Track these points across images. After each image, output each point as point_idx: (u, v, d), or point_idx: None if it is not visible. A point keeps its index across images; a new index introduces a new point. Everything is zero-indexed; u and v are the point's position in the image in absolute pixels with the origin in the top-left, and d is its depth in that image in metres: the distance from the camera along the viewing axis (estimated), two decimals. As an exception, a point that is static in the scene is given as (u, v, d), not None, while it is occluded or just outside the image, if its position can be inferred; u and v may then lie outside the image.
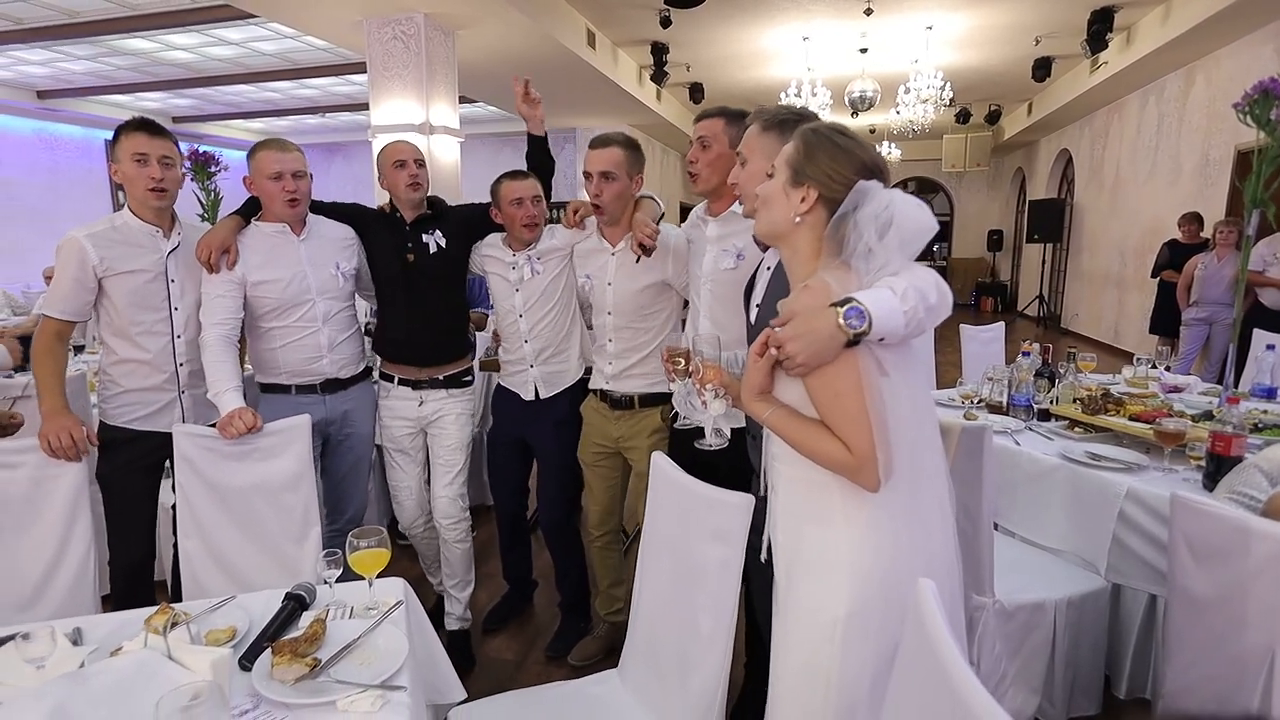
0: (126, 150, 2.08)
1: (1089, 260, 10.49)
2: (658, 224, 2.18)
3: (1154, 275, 6.69)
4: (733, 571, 1.36)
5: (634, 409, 2.29)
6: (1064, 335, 10.56)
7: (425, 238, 2.37)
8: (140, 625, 1.27)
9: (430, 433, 2.50)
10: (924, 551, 1.20)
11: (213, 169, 3.54)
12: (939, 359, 4.46)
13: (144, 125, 2.10)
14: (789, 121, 1.54)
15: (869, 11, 6.82)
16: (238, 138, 12.14)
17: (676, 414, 1.60)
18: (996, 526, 2.54)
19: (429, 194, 2.45)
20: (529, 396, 2.46)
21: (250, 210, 2.27)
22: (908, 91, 8.15)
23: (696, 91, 9.79)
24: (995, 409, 2.85)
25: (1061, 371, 2.81)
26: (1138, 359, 3.47)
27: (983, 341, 4.17)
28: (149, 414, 2.16)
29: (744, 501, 1.36)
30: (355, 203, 2.52)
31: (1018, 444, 2.48)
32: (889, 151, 12.49)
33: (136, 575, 2.18)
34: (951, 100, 10.86)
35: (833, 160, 1.21)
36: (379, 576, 1.42)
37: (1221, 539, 1.33)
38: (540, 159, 2.49)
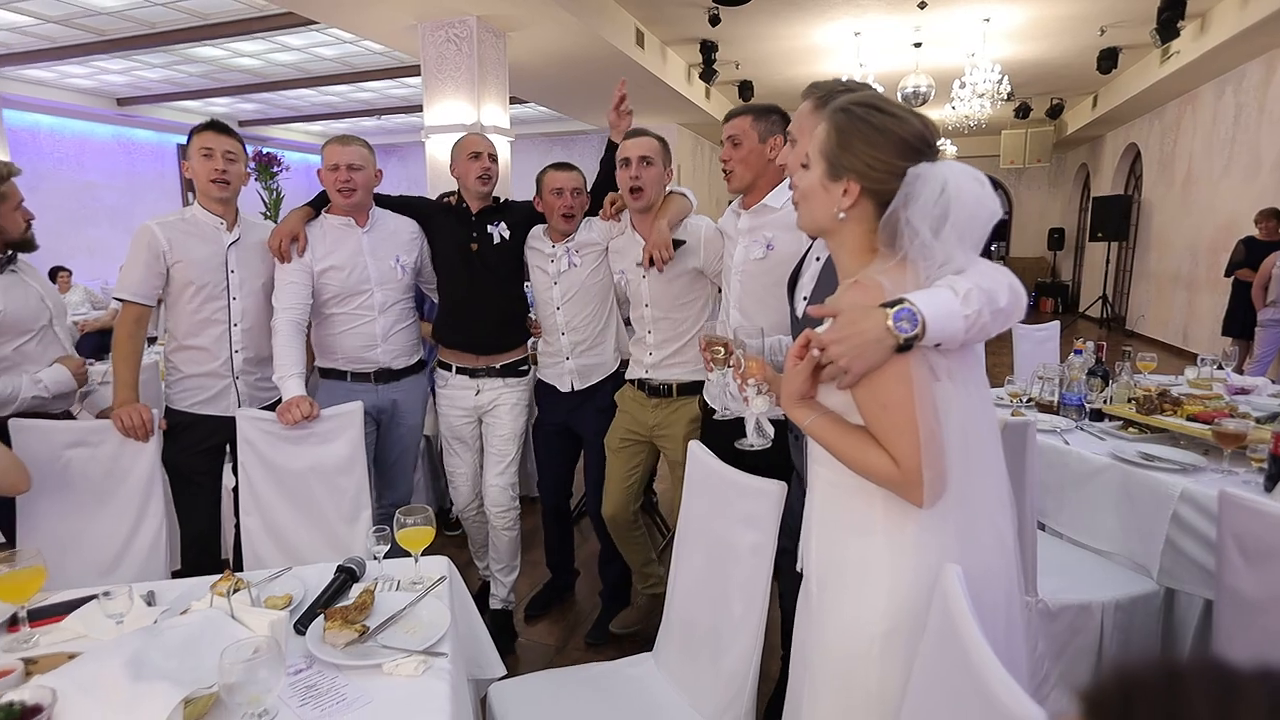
0: (196, 146, 2.22)
1: (1157, 259, 10.06)
2: (687, 217, 2.27)
3: (1228, 274, 6.38)
4: (764, 557, 1.38)
5: (671, 397, 2.32)
6: (1129, 337, 10.14)
7: (490, 228, 2.46)
8: (207, 590, 1.36)
9: (486, 421, 2.57)
10: (974, 572, 1.06)
11: (275, 169, 3.70)
12: (990, 360, 4.36)
13: (212, 125, 2.24)
14: (838, 94, 1.39)
15: (923, 5, 6.70)
16: (299, 140, 12.62)
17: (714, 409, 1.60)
18: (1044, 527, 2.49)
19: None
20: (565, 389, 2.54)
21: (321, 202, 2.39)
22: (963, 86, 7.95)
23: (746, 89, 9.74)
24: (1046, 408, 2.79)
25: (1116, 370, 2.72)
26: (1201, 359, 3.34)
27: (1036, 341, 4.06)
28: (208, 399, 2.28)
29: (776, 488, 1.38)
30: (421, 196, 2.61)
31: (1067, 443, 2.42)
32: (945, 148, 12.20)
33: (203, 551, 2.31)
34: (1010, 94, 10.57)
35: (871, 146, 1.08)
36: (424, 555, 1.49)
37: (1273, 538, 1.29)
38: (611, 167, 2.55)
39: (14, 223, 2.07)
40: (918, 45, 8.07)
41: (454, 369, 2.53)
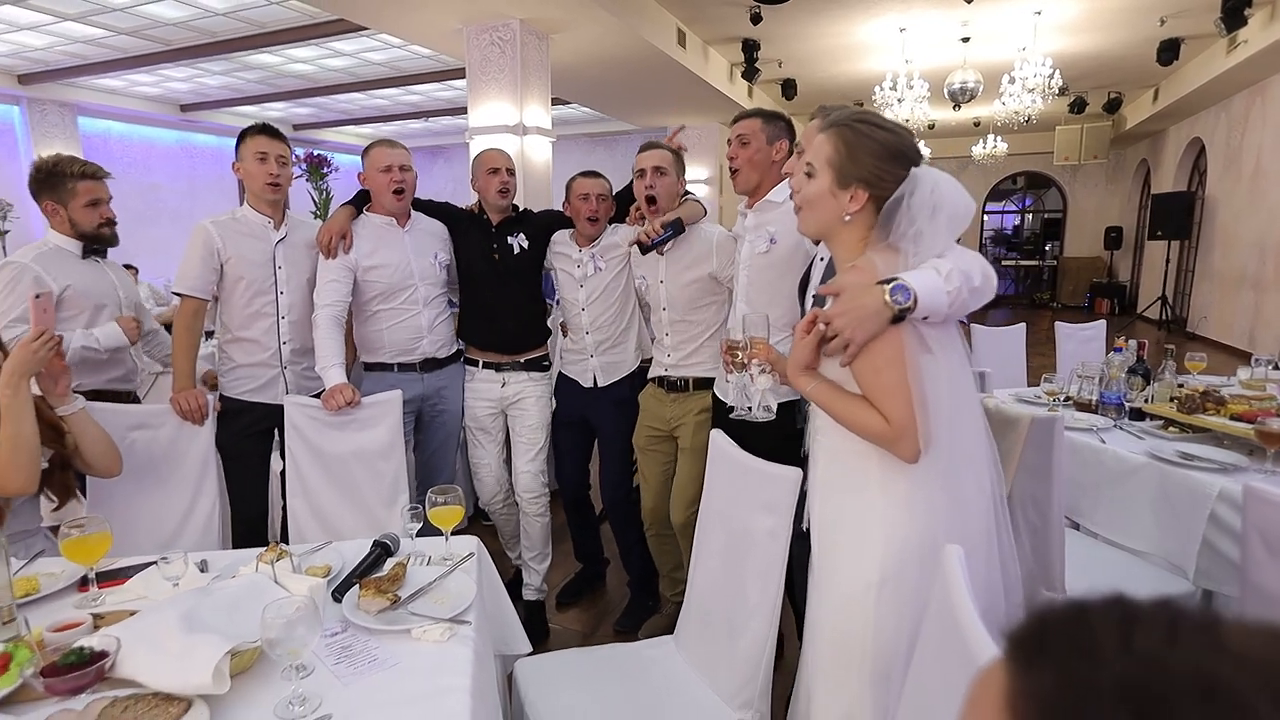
0: (250, 149, 2.34)
1: (1221, 258, 9.65)
2: (699, 222, 2.34)
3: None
4: (780, 541, 1.42)
5: (687, 391, 2.39)
6: (1189, 340, 9.75)
7: (510, 239, 2.55)
8: (254, 559, 1.46)
9: (511, 414, 2.66)
10: (958, 525, 1.21)
11: (325, 170, 3.86)
12: (1036, 360, 4.27)
13: (265, 129, 2.37)
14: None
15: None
16: (350, 142, 13.02)
17: (733, 406, 1.65)
18: (1079, 527, 2.46)
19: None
20: (588, 384, 2.62)
21: (361, 201, 2.50)
22: (1013, 81, 7.75)
23: (789, 87, 9.68)
24: (1084, 407, 2.74)
25: (1159, 369, 2.66)
26: (1256, 359, 3.23)
27: (1081, 340, 3.97)
28: (258, 387, 2.41)
29: (793, 474, 1.41)
30: (446, 202, 2.72)
31: (1103, 442, 2.38)
32: (994, 145, 11.89)
33: (253, 530, 2.43)
34: (1064, 89, 10.26)
35: (875, 158, 1.24)
36: (456, 535, 1.57)
37: None
38: None
39: (84, 217, 2.24)
40: (965, 40, 7.91)
41: (480, 364, 2.62)
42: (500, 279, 2.56)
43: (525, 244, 2.57)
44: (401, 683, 1.10)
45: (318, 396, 2.20)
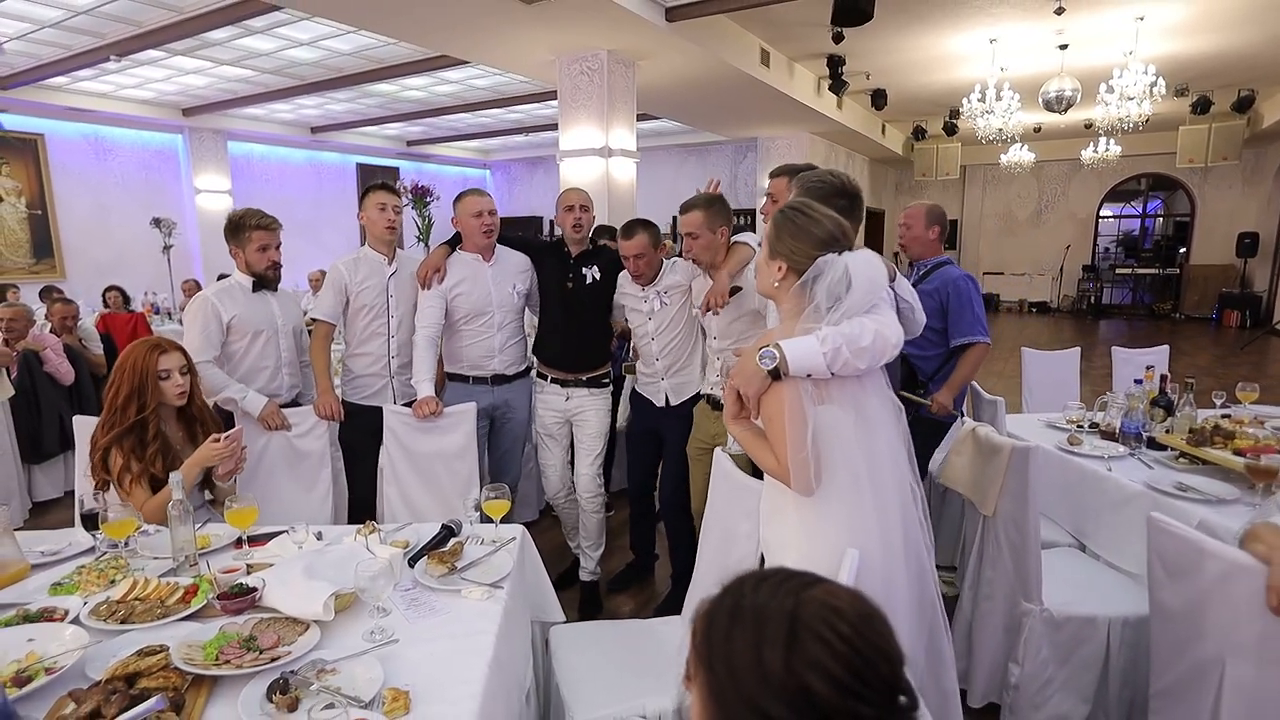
0: (373, 202, 2.88)
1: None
2: (749, 263, 2.60)
3: None
4: (752, 540, 1.75)
5: None
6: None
7: (585, 270, 2.96)
8: (354, 532, 1.95)
9: (575, 423, 3.08)
10: (859, 543, 1.48)
11: (428, 200, 4.44)
12: (1090, 386, 4.29)
13: (384, 186, 2.91)
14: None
15: (1060, 11, 6.45)
16: (458, 155, 14.05)
17: None
18: (1085, 548, 2.62)
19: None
20: (660, 403, 2.94)
21: (455, 241, 2.99)
22: (1110, 90, 7.48)
23: (879, 97, 9.67)
24: (1109, 435, 2.86)
25: (1176, 400, 2.75)
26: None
27: (1139, 366, 3.94)
28: (372, 393, 2.95)
29: (760, 486, 1.74)
30: (529, 236, 3.17)
31: (1109, 470, 2.53)
32: (1106, 149, 11.32)
33: (364, 506, 2.96)
34: (1183, 89, 9.70)
35: (794, 239, 1.53)
36: (504, 522, 1.99)
37: (1184, 557, 1.47)
38: None
39: (256, 259, 2.77)
40: (1063, 47, 7.70)
41: (549, 379, 3.04)
42: (571, 305, 2.95)
43: (598, 275, 2.96)
44: (449, 625, 1.53)
45: (410, 405, 2.70)
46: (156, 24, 6.04)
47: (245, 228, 2.73)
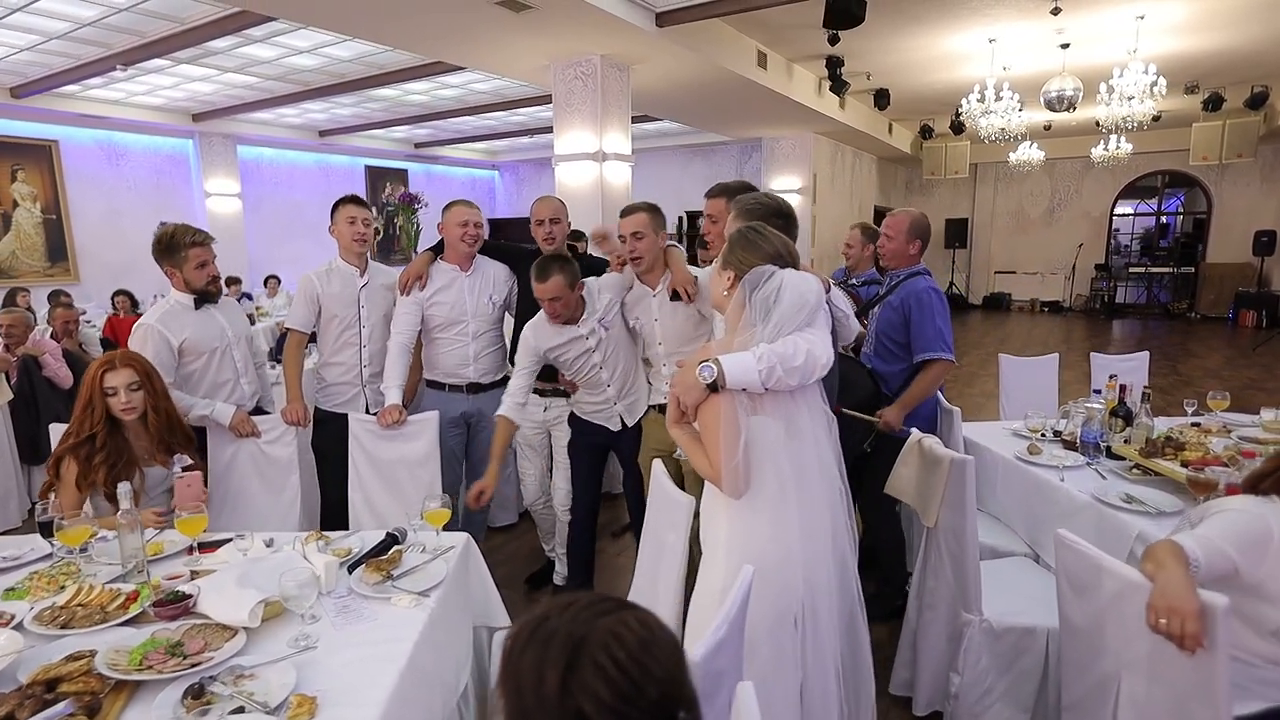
0: (343, 216, 2.95)
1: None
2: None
3: None
4: (678, 554, 1.79)
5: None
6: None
7: None
8: (301, 541, 2.02)
9: (554, 433, 3.13)
10: (784, 546, 1.59)
11: (415, 207, 4.52)
12: (1070, 393, 4.26)
13: (354, 199, 2.98)
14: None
15: (1056, 11, 6.41)
16: (465, 157, 14.20)
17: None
18: (1039, 559, 2.63)
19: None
20: (616, 428, 2.86)
21: (440, 249, 3.04)
22: (1111, 91, 7.40)
23: (882, 97, 9.61)
24: (1071, 445, 2.86)
25: (1134, 410, 2.75)
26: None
27: (1120, 372, 3.91)
28: (344, 401, 3.03)
29: (688, 500, 1.78)
30: (510, 244, 3.20)
31: (1061, 480, 2.55)
32: (1117, 147, 11.18)
33: (337, 510, 3.03)
34: (1194, 87, 9.55)
35: (745, 251, 1.67)
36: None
37: (1086, 574, 1.50)
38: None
39: (195, 276, 2.70)
40: (1065, 46, 7.63)
41: None
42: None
43: None
44: (372, 633, 1.59)
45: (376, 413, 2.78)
46: (160, 34, 6.19)
47: (181, 246, 2.67)
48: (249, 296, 9.06)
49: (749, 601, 1.54)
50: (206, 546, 2.00)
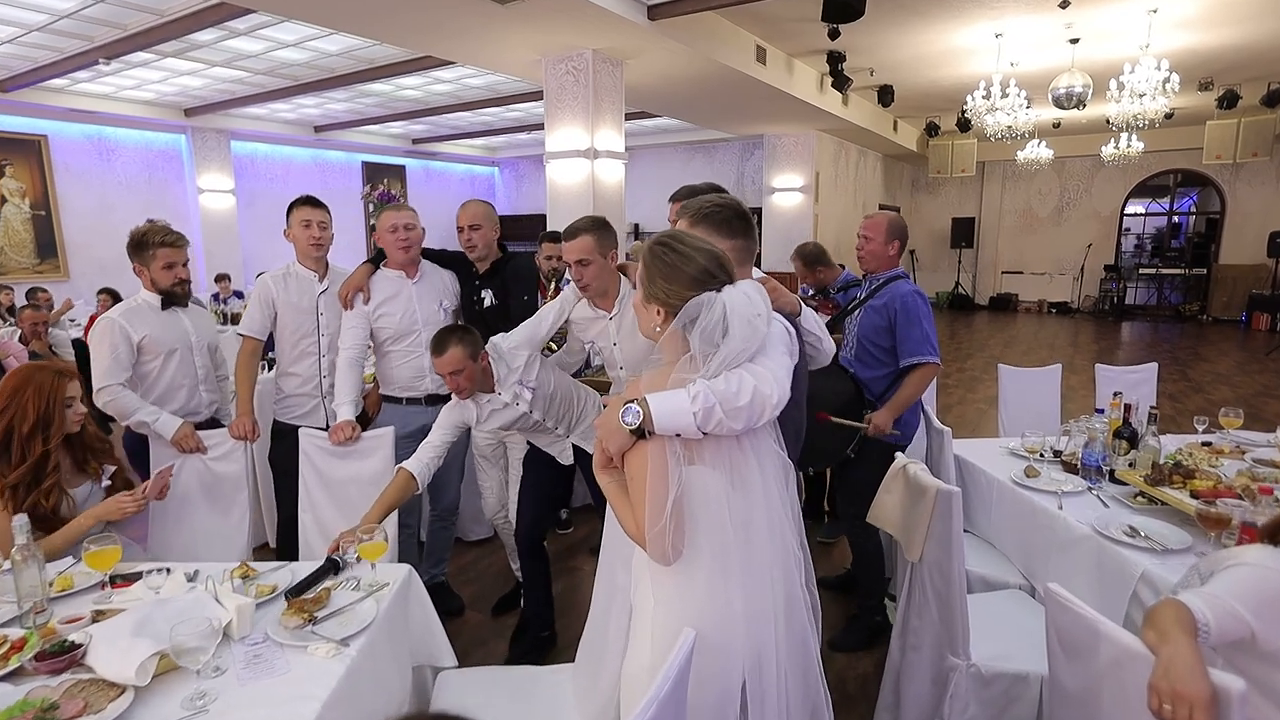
0: (297, 218, 2.78)
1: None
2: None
3: None
4: (627, 594, 1.62)
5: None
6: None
7: (483, 292, 2.86)
8: (226, 574, 1.85)
9: (508, 444, 2.97)
10: (722, 625, 1.34)
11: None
12: (1074, 405, 4.07)
13: (308, 200, 2.81)
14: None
15: (1064, 4, 6.18)
16: (465, 153, 14.01)
17: None
18: (1035, 592, 2.45)
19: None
20: (568, 461, 2.63)
21: (379, 259, 2.89)
22: (1122, 88, 7.16)
23: (886, 93, 9.41)
24: (1070, 467, 2.68)
25: (1140, 431, 2.56)
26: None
27: (1127, 385, 3.71)
28: (303, 413, 2.87)
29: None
30: (447, 252, 3.04)
31: (1060, 507, 2.36)
32: (1128, 145, 10.92)
33: (291, 528, 2.89)
34: (1208, 83, 9.29)
35: (666, 280, 1.37)
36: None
37: (1081, 636, 1.32)
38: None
39: (162, 277, 2.62)
40: (1074, 41, 7.40)
41: None
42: (478, 325, 2.68)
43: (493, 299, 2.84)
44: (278, 689, 1.42)
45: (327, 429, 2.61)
46: (141, 27, 6.04)
47: (149, 245, 2.60)
48: (240, 295, 8.91)
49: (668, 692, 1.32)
50: (121, 580, 1.84)
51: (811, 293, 3.85)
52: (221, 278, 8.83)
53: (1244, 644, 1.27)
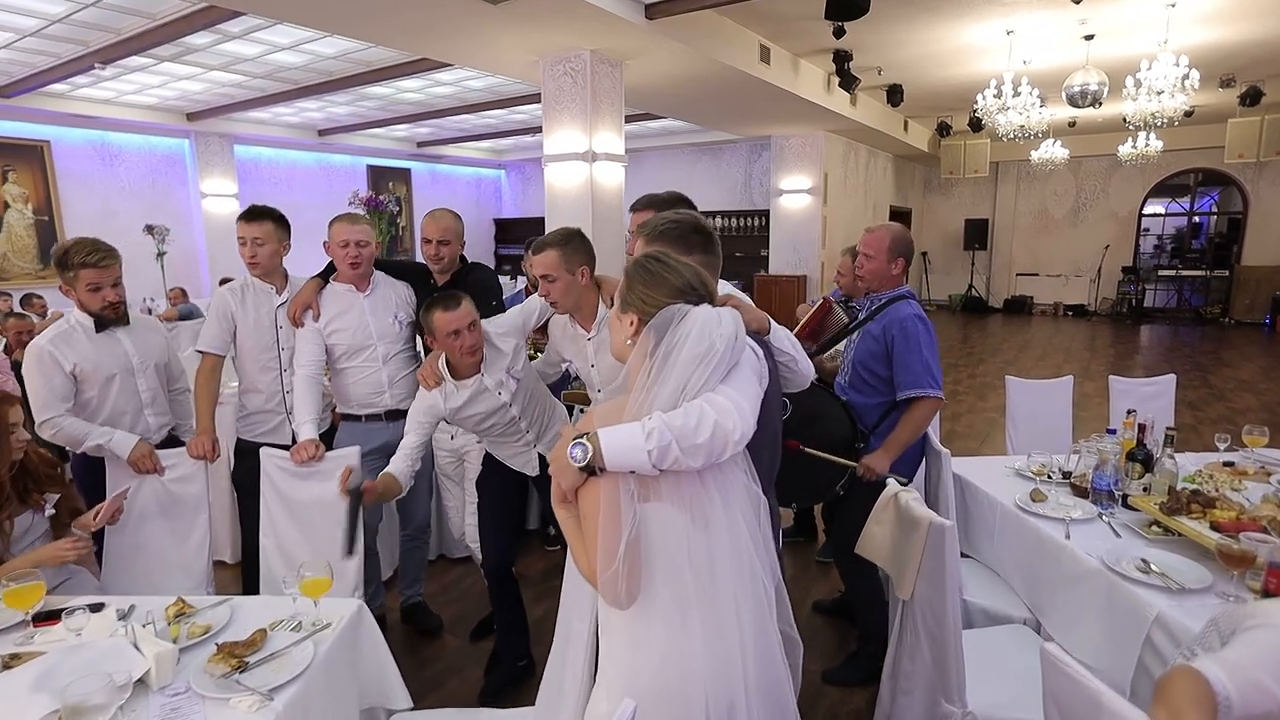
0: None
1: None
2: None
3: None
4: (584, 642, 1.49)
5: None
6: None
7: None
8: (162, 611, 1.73)
9: (467, 462, 2.84)
10: (681, 677, 1.21)
11: (380, 211, 4.24)
12: (1088, 414, 3.88)
13: (245, 214, 2.68)
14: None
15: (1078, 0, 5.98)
16: (470, 156, 13.95)
17: None
18: (1040, 626, 2.28)
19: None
20: (533, 472, 2.53)
21: (329, 273, 2.76)
22: (1138, 85, 6.93)
23: (895, 92, 9.19)
24: (1080, 490, 2.50)
25: (1155, 453, 2.38)
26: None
27: (1142, 398, 3.51)
28: (267, 430, 2.75)
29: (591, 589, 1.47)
30: (407, 263, 2.92)
31: (1067, 537, 2.19)
32: (1146, 144, 10.66)
33: (257, 555, 2.78)
34: (1230, 80, 9.02)
35: (646, 288, 1.32)
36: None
37: (1081, 708, 1.16)
38: None
39: (88, 299, 2.40)
40: (1089, 38, 7.18)
41: None
42: None
43: None
44: (189, 752, 1.30)
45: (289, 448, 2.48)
46: (134, 31, 5.97)
47: (70, 265, 2.36)
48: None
49: None
50: (44, 619, 1.72)
51: (843, 296, 3.58)
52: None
53: (1269, 718, 1.11)
